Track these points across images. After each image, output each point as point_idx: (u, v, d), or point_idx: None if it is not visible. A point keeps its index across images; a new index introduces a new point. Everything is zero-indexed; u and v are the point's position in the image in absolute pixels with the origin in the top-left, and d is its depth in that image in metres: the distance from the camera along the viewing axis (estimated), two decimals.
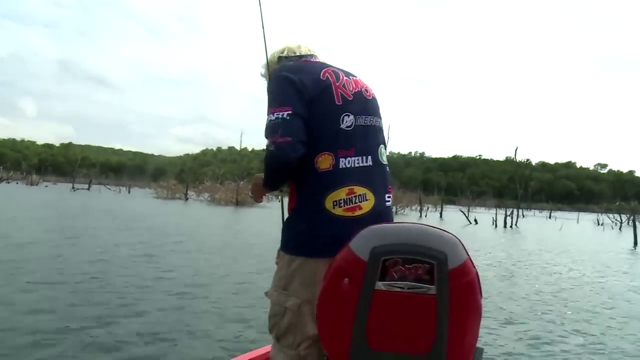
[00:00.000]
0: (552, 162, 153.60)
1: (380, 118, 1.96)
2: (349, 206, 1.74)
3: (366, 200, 1.77)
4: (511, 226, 28.72)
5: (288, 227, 1.83)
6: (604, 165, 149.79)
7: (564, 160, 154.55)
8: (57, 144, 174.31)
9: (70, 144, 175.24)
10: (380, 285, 1.55)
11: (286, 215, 1.87)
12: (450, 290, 1.53)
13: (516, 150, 35.70)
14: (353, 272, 1.57)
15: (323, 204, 1.73)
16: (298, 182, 1.80)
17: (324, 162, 1.75)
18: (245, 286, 6.59)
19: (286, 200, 1.91)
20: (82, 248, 8.75)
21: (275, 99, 1.77)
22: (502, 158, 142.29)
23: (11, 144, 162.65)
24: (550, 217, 54.00)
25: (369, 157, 1.82)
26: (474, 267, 1.58)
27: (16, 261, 6.93)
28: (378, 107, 1.97)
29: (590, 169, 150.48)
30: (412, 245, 1.55)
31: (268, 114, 1.75)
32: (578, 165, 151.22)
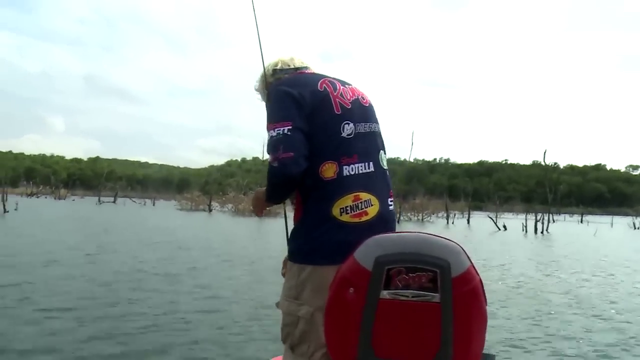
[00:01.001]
0: (580, 164, 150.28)
1: (378, 124, 2.00)
2: (355, 212, 1.79)
3: (371, 205, 1.82)
4: (542, 232, 27.71)
5: (295, 236, 1.86)
6: (636, 167, 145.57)
7: (593, 163, 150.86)
8: (85, 158, 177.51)
9: (97, 158, 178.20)
10: (385, 294, 1.58)
11: (290, 225, 1.91)
12: (454, 298, 1.55)
13: (545, 153, 34.68)
14: (358, 281, 1.60)
15: (330, 212, 1.77)
16: (304, 192, 1.82)
17: (328, 170, 1.80)
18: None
19: (289, 211, 1.96)
20: (101, 266, 8.45)
21: (275, 115, 1.80)
22: (528, 162, 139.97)
23: (41, 159, 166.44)
24: (581, 222, 52.68)
25: (371, 163, 1.87)
26: (477, 274, 1.60)
27: (28, 284, 6.47)
28: (375, 113, 2.01)
29: (622, 170, 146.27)
30: (415, 254, 1.57)
31: (269, 130, 1.79)
32: (608, 168, 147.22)
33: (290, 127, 1.75)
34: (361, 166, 1.83)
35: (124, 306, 5.50)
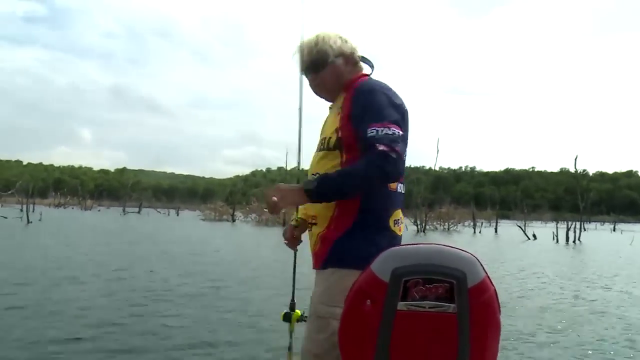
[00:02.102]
0: (610, 171, 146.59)
1: None
2: (399, 226, 1.93)
3: (402, 222, 1.98)
4: (574, 241, 26.67)
5: (350, 240, 1.84)
6: None
7: (624, 170, 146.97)
8: (112, 170, 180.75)
9: (124, 169, 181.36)
10: (402, 305, 1.58)
11: (319, 230, 1.91)
12: (470, 308, 1.57)
13: (576, 159, 33.35)
14: (375, 293, 1.60)
15: (388, 222, 1.88)
16: (368, 197, 1.85)
17: (394, 183, 1.89)
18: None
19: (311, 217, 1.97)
20: (113, 283, 8.07)
21: (391, 116, 1.81)
22: (556, 169, 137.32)
23: (70, 170, 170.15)
24: (614, 230, 51.07)
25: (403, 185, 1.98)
26: (492, 284, 1.61)
27: (25, 306, 5.91)
28: None
29: None
30: (431, 265, 1.59)
31: (384, 127, 1.77)
32: None
33: (402, 135, 1.79)
34: (402, 186, 1.96)
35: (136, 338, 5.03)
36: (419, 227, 35.08)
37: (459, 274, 1.57)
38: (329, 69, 1.97)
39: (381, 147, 1.73)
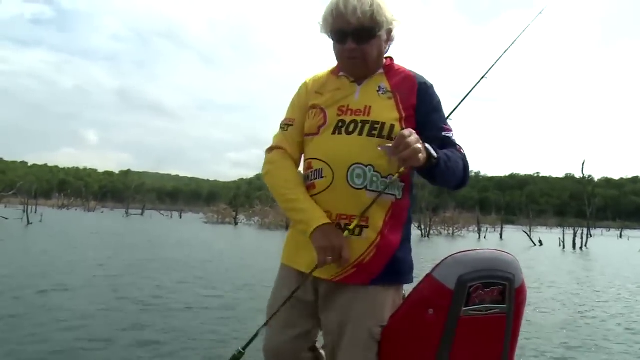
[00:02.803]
0: (616, 177, 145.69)
1: None
2: None
3: None
4: (581, 248, 26.27)
5: (403, 252, 1.73)
6: None
7: (630, 176, 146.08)
8: (117, 171, 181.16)
9: (129, 171, 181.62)
10: (464, 311, 1.58)
11: (373, 236, 1.69)
12: (515, 308, 1.65)
13: (583, 164, 32.76)
14: (439, 301, 1.58)
15: None
16: (414, 198, 1.84)
17: None
18: None
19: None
20: (104, 291, 7.76)
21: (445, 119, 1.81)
22: (561, 175, 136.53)
23: (74, 172, 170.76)
24: (621, 236, 50.47)
25: None
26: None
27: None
28: None
29: None
30: (491, 270, 1.61)
31: (452, 133, 1.77)
32: None
33: None
34: None
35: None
36: (423, 231, 34.76)
37: (510, 277, 1.64)
38: (376, 42, 1.71)
39: (463, 151, 1.73)
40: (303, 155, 1.85)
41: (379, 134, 1.68)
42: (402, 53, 1.89)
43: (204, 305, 6.32)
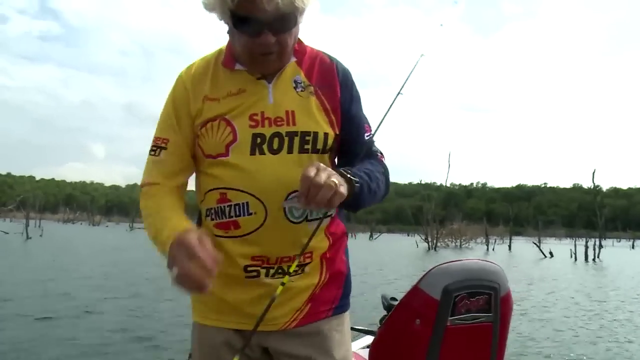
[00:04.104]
0: (624, 187, 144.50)
1: None
2: None
3: None
4: (594, 259, 25.66)
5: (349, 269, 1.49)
6: None
7: (639, 185, 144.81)
8: (124, 185, 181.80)
9: (135, 184, 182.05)
10: (451, 321, 1.58)
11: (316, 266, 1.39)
12: (501, 316, 1.66)
13: (593, 173, 32.14)
14: (425, 311, 1.58)
15: None
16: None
17: None
18: None
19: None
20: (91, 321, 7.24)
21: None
22: (569, 185, 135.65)
23: (81, 186, 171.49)
24: (633, 247, 49.71)
25: None
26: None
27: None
28: None
29: None
30: (477, 280, 1.62)
31: (369, 129, 1.44)
32: None
33: None
34: None
35: None
36: (430, 244, 34.24)
37: (496, 285, 1.64)
38: (295, 29, 1.29)
39: (384, 159, 1.44)
40: (200, 182, 1.39)
41: (313, 148, 1.31)
42: (403, 65, 1.52)
43: None
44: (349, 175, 1.22)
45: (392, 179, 1.46)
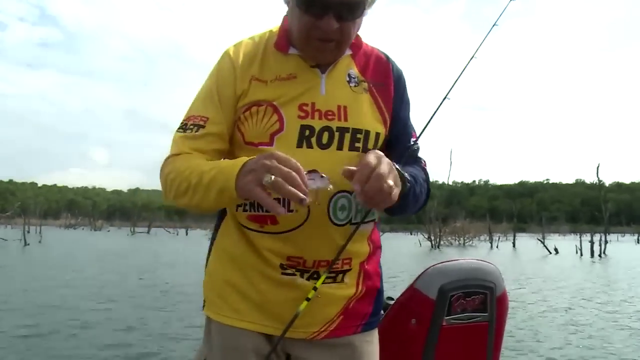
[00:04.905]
0: (627, 181, 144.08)
1: None
2: None
3: None
4: (600, 255, 25.33)
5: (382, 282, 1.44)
6: None
7: None
8: (126, 190, 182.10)
9: (137, 189, 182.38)
10: (446, 320, 1.58)
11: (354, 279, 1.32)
12: (497, 316, 1.66)
13: (598, 168, 31.66)
14: (421, 311, 1.58)
15: None
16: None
17: None
18: None
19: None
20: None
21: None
22: (571, 181, 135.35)
23: (83, 191, 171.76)
24: (638, 242, 49.37)
25: None
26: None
27: None
28: None
29: None
30: (472, 279, 1.62)
31: (415, 134, 1.38)
32: None
33: None
34: None
35: None
36: (433, 242, 33.97)
37: (491, 285, 1.65)
38: (360, 20, 1.22)
39: (426, 167, 1.36)
40: None
41: (364, 146, 1.24)
42: (404, 63, 1.40)
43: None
44: (406, 176, 1.15)
45: None
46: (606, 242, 27.41)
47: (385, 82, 1.32)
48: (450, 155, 35.94)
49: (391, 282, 11.59)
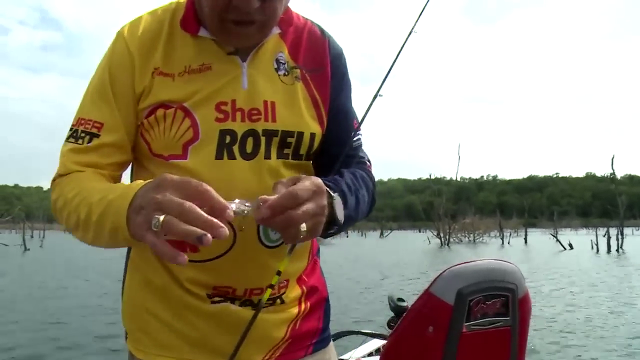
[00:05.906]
0: (639, 174, 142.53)
1: None
2: None
3: None
4: (617, 250, 24.42)
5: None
6: None
7: None
8: None
9: None
10: (466, 326, 1.51)
11: (296, 294, 1.16)
12: (520, 319, 1.57)
13: (613, 159, 30.65)
14: (438, 317, 1.52)
15: None
16: None
17: None
18: None
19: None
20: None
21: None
22: (582, 174, 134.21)
23: None
24: None
25: None
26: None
27: None
28: None
29: None
30: (491, 281, 1.55)
31: (358, 126, 1.20)
32: None
33: None
34: None
35: None
36: (442, 240, 33.29)
37: (513, 287, 1.56)
38: None
39: (372, 170, 1.15)
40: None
41: (295, 153, 1.02)
42: (409, 58, 1.19)
43: None
44: (337, 212, 0.91)
45: (402, 175, 0.65)
46: (622, 236, 26.53)
47: (321, 64, 1.07)
48: (458, 150, 35.16)
49: (402, 284, 11.28)
